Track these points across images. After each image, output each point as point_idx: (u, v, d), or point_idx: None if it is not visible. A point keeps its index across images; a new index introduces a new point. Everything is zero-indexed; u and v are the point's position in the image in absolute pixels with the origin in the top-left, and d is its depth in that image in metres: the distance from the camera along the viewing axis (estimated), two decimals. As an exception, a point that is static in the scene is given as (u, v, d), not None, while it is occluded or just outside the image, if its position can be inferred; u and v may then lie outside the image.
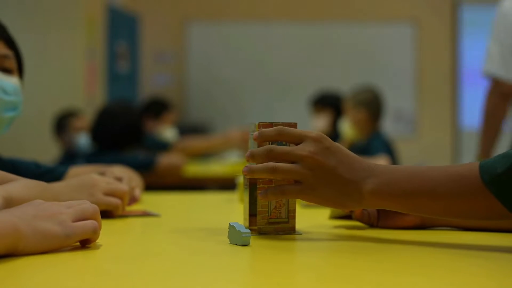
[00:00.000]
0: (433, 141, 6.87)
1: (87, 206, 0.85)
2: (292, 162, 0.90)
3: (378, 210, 1.08)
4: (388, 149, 3.64)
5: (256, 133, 0.94)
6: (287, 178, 0.91)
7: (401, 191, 0.88)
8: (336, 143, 0.92)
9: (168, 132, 4.47)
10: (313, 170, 0.89)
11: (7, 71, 1.27)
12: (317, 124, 4.21)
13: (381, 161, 3.55)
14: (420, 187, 0.88)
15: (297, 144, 0.92)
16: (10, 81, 1.27)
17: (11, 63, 1.28)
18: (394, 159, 3.69)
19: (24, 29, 4.37)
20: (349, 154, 0.91)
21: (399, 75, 7.03)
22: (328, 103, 4.15)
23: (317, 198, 0.91)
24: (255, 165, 0.92)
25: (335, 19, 7.17)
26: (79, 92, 5.23)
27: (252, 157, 0.93)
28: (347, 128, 3.77)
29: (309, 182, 0.90)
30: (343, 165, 0.90)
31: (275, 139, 0.94)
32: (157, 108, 4.67)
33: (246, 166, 0.93)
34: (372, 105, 3.70)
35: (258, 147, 0.94)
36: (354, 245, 0.93)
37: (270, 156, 0.91)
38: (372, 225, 1.08)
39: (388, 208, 0.92)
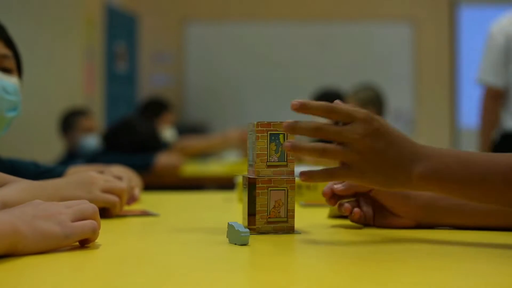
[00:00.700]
0: (432, 140, 6.87)
1: (87, 206, 0.85)
2: (339, 143, 0.88)
3: (374, 211, 1.08)
4: None
5: (297, 102, 0.89)
6: (334, 160, 0.90)
7: (451, 177, 0.88)
8: (385, 122, 0.90)
9: (167, 132, 4.45)
10: (362, 154, 0.87)
11: (7, 70, 1.27)
12: None
13: None
14: (470, 174, 0.87)
15: (344, 123, 0.89)
16: (10, 81, 1.27)
17: (11, 63, 1.28)
18: None
19: (22, 30, 4.36)
20: (398, 135, 0.90)
21: (398, 75, 7.03)
22: (328, 102, 4.14)
23: (364, 181, 0.90)
24: (301, 143, 0.89)
25: (333, 18, 7.17)
26: (78, 92, 5.23)
27: (294, 130, 0.90)
28: None
29: (357, 165, 0.88)
30: (393, 148, 0.89)
31: (321, 115, 0.91)
32: (156, 108, 4.64)
33: (289, 141, 0.89)
34: (375, 103, 3.70)
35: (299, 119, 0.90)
36: (353, 245, 0.93)
37: (317, 134, 0.89)
38: (368, 225, 1.09)
39: (436, 192, 0.93)
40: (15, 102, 1.28)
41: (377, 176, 0.89)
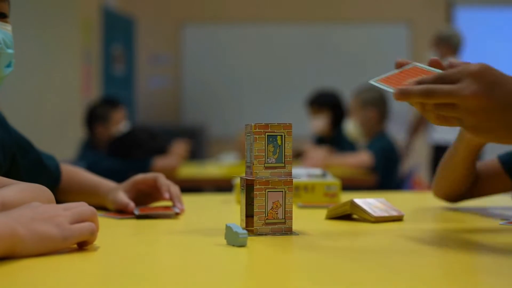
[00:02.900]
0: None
1: (85, 208, 0.85)
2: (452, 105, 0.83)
3: None
4: (385, 152, 3.62)
5: (398, 91, 0.86)
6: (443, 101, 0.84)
7: None
8: (500, 72, 0.83)
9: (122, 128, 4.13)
10: (475, 114, 0.82)
11: (2, 16, 1.13)
12: (316, 125, 4.20)
13: (362, 156, 3.56)
14: None
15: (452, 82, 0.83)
16: (8, 31, 1.14)
17: (5, 7, 1.14)
18: (394, 160, 3.69)
19: (20, 31, 4.36)
20: (507, 85, 0.82)
21: (395, 76, 7.03)
22: (325, 103, 4.12)
23: (484, 138, 0.86)
24: (409, 88, 0.85)
25: (330, 20, 7.18)
26: (75, 94, 5.23)
27: (406, 96, 0.86)
28: (352, 128, 3.77)
29: (471, 124, 0.83)
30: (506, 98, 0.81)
31: (423, 100, 0.86)
32: (102, 111, 3.98)
33: (398, 89, 0.86)
34: (380, 104, 3.71)
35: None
36: (351, 245, 0.93)
37: (428, 96, 0.84)
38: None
39: None
40: (11, 56, 1.15)
41: (498, 132, 0.83)
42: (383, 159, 3.59)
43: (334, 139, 4.12)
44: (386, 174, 3.51)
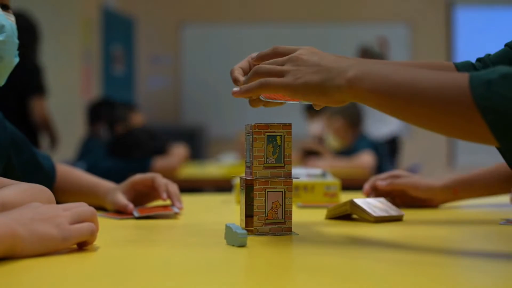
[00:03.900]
0: (429, 142, 6.88)
1: (85, 208, 0.85)
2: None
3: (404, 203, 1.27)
4: (374, 148, 3.64)
5: (236, 91, 0.97)
6: (276, 88, 0.92)
7: (384, 82, 0.85)
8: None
9: None
10: (298, 66, 0.91)
11: (6, 7, 1.12)
12: (313, 129, 4.21)
13: (365, 157, 3.56)
14: (404, 81, 0.84)
15: None
16: (13, 22, 1.13)
17: None
18: (381, 158, 3.69)
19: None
20: (337, 55, 0.93)
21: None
22: (321, 108, 4.12)
23: (298, 88, 0.90)
24: (245, 86, 0.96)
25: (330, 20, 7.18)
26: (75, 94, 5.23)
27: (244, 93, 0.95)
28: (331, 139, 3.76)
29: (292, 73, 0.91)
30: (329, 58, 0.91)
31: (271, 57, 0.97)
32: (122, 113, 4.09)
33: (234, 91, 0.97)
34: (346, 112, 3.67)
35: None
36: (351, 246, 0.93)
37: (258, 73, 0.94)
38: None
39: (367, 102, 0.88)
40: (17, 46, 1.14)
41: (312, 80, 0.89)
42: (380, 150, 3.60)
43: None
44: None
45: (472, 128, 0.79)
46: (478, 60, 1.14)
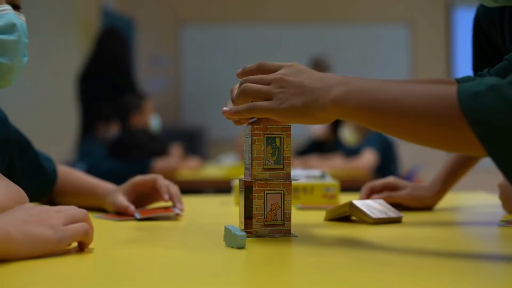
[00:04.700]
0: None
1: (77, 210, 0.85)
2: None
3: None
4: (381, 147, 3.64)
5: (226, 110, 0.98)
6: (258, 99, 0.93)
7: (369, 99, 0.85)
8: (310, 69, 0.94)
9: (154, 121, 4.24)
10: (283, 88, 0.91)
11: (17, 7, 1.10)
12: (315, 130, 4.21)
13: (365, 157, 3.56)
14: (390, 97, 0.84)
15: None
16: (24, 22, 1.10)
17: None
18: (391, 155, 3.69)
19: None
20: (322, 73, 0.92)
21: (395, 76, 7.04)
22: None
23: (285, 111, 0.90)
24: (235, 107, 0.96)
25: (330, 21, 7.18)
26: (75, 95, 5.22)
27: (235, 113, 0.97)
28: (348, 134, 3.77)
29: (278, 96, 0.91)
30: (313, 77, 0.91)
31: (256, 73, 0.97)
32: (135, 102, 4.08)
33: (225, 110, 0.98)
34: None
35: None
36: (349, 247, 0.93)
37: (245, 93, 0.94)
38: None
39: (353, 119, 0.88)
40: (26, 46, 1.11)
41: (296, 102, 0.89)
42: (387, 149, 3.60)
43: (334, 144, 4.13)
44: (386, 174, 3.53)
45: (462, 140, 0.79)
46: (479, 75, 1.15)
